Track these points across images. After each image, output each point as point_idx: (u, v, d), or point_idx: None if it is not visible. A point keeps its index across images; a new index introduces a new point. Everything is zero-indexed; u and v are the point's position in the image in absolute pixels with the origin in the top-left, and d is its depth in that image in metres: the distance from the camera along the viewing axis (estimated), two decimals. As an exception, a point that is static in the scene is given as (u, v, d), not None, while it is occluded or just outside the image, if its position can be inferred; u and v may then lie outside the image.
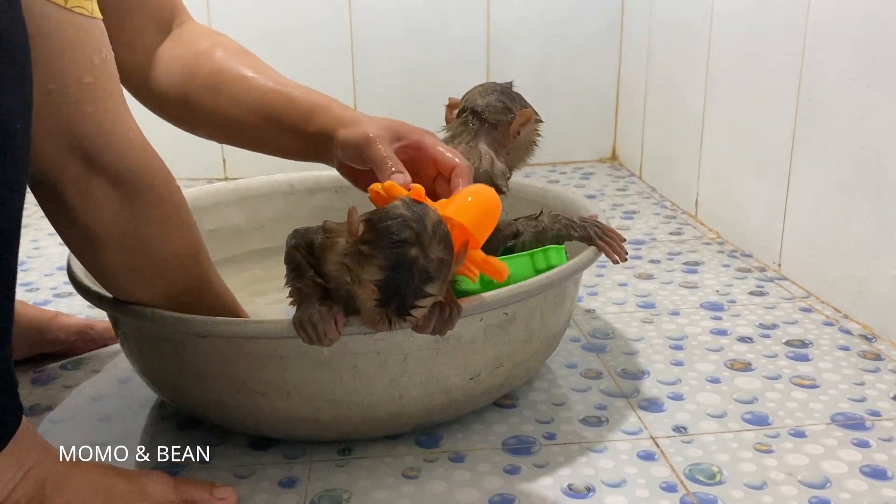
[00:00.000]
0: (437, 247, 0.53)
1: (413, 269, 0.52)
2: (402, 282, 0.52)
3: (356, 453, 0.69)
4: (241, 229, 1.00)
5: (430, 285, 0.53)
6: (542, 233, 0.75)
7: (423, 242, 0.53)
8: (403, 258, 0.52)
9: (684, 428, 0.71)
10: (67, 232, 0.60)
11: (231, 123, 0.74)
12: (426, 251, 0.53)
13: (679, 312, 0.95)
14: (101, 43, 0.54)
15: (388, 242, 0.52)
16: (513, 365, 0.70)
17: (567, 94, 1.65)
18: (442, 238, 0.54)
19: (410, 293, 0.52)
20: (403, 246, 0.52)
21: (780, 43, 1.04)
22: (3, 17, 0.44)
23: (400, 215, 0.53)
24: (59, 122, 0.53)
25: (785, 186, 1.04)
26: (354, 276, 0.54)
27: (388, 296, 0.52)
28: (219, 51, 0.75)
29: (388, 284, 0.52)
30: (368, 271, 0.52)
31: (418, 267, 0.52)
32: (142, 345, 0.70)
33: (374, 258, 0.52)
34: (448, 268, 0.55)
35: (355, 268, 0.53)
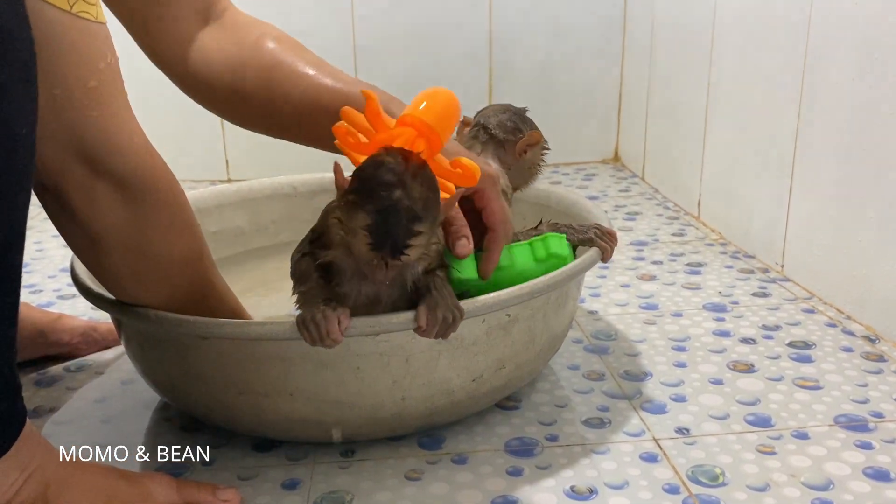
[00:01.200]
0: (420, 187, 0.55)
1: (399, 210, 0.54)
2: (390, 222, 0.54)
3: (359, 455, 0.69)
4: (244, 231, 1.00)
5: (418, 224, 0.55)
6: None
7: (406, 183, 0.55)
8: (388, 200, 0.54)
9: (687, 429, 0.71)
10: (71, 235, 0.60)
11: (284, 119, 0.70)
12: (410, 191, 0.55)
13: (682, 314, 0.95)
14: (106, 47, 0.55)
15: (372, 187, 0.55)
16: (515, 366, 0.70)
17: (569, 95, 1.65)
18: (424, 178, 0.56)
19: (400, 233, 0.55)
20: (387, 188, 0.54)
21: (783, 44, 1.04)
22: (9, 23, 0.44)
23: (381, 161, 0.56)
24: (64, 126, 0.54)
25: (788, 187, 1.04)
26: (346, 226, 0.56)
27: (379, 238, 0.54)
28: (269, 42, 0.70)
29: (377, 227, 0.54)
30: (358, 218, 0.55)
31: (404, 206, 0.54)
32: (145, 347, 0.70)
33: (362, 205, 0.55)
34: (435, 207, 0.57)
35: (346, 219, 0.56)
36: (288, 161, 1.55)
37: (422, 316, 0.60)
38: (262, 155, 1.62)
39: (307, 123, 0.69)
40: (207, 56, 0.70)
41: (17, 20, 0.45)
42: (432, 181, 0.57)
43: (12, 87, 0.45)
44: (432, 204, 0.56)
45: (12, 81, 0.45)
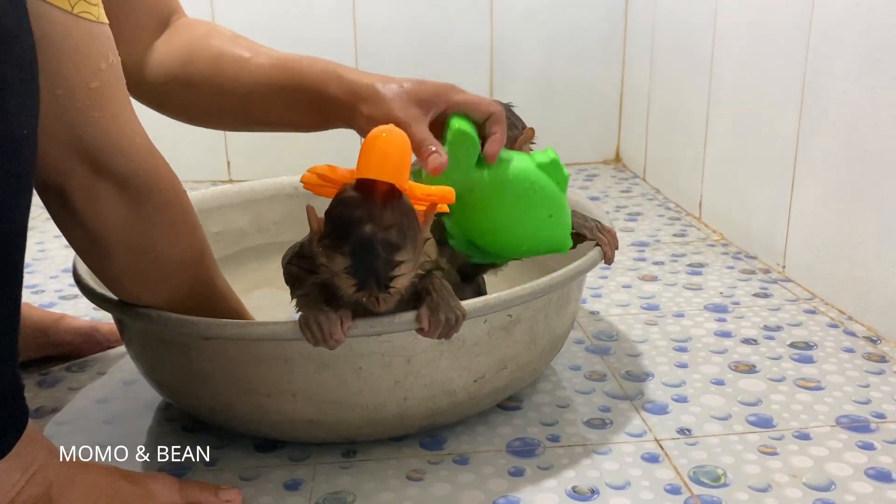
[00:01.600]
0: (391, 215, 0.54)
1: (374, 245, 0.54)
2: (368, 260, 0.54)
3: (361, 455, 0.69)
4: (246, 232, 1.00)
5: (398, 253, 0.54)
6: None
7: (375, 216, 0.54)
8: (360, 238, 0.54)
9: (688, 430, 0.71)
10: (74, 235, 0.60)
11: (236, 104, 0.74)
12: (381, 222, 0.54)
13: (683, 314, 0.95)
14: (108, 48, 0.55)
15: (343, 227, 0.54)
16: (517, 367, 0.70)
17: (571, 96, 1.65)
18: (394, 204, 0.55)
19: (381, 267, 0.54)
20: (357, 226, 0.54)
21: (784, 44, 1.04)
22: (10, 23, 0.45)
23: (347, 198, 0.55)
24: (66, 127, 0.54)
25: (789, 188, 1.04)
26: (329, 270, 0.56)
27: (361, 278, 0.54)
28: (214, 37, 0.75)
29: (357, 268, 0.54)
30: (336, 261, 0.55)
31: (379, 240, 0.54)
32: (147, 347, 0.70)
33: (337, 248, 0.54)
34: (413, 228, 0.56)
35: (327, 262, 0.56)
36: (289, 162, 1.55)
37: (423, 318, 0.60)
38: (262, 156, 1.62)
39: (257, 104, 0.73)
40: (160, 55, 0.74)
41: (18, 21, 0.45)
42: (403, 204, 0.55)
43: (14, 88, 0.45)
44: (408, 227, 0.55)
45: (14, 82, 0.45)
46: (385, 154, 0.55)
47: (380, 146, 0.55)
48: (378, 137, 0.56)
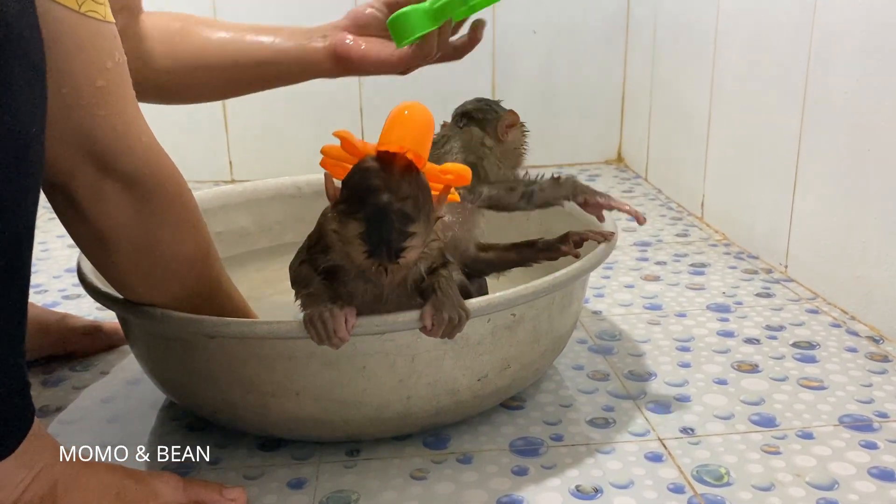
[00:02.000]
0: (408, 187, 0.55)
1: (389, 213, 0.54)
2: (382, 228, 0.54)
3: (364, 454, 0.69)
4: (249, 232, 1.00)
5: (410, 224, 0.55)
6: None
7: (393, 186, 0.55)
8: (377, 205, 0.54)
9: (692, 429, 0.71)
10: (79, 234, 0.60)
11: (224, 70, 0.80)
12: (398, 193, 0.55)
13: (686, 314, 0.96)
14: (114, 46, 0.55)
15: (360, 195, 0.55)
16: (520, 366, 0.70)
17: (573, 96, 1.65)
18: (411, 178, 0.56)
19: (394, 236, 0.55)
20: (374, 194, 0.54)
21: (787, 45, 1.04)
22: (19, 22, 0.45)
23: (366, 167, 0.56)
24: (73, 125, 0.54)
25: (791, 188, 1.04)
26: (342, 236, 0.56)
27: (373, 245, 0.55)
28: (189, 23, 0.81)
29: (370, 234, 0.55)
30: (350, 228, 0.55)
31: (394, 209, 0.54)
32: (151, 346, 0.70)
33: (353, 214, 0.55)
34: (427, 205, 0.57)
35: (340, 229, 0.56)
36: (291, 161, 1.55)
37: (427, 316, 0.60)
38: (265, 156, 1.63)
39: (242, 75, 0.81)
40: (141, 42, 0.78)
41: (26, 20, 0.45)
42: (420, 179, 0.57)
43: (23, 87, 0.46)
44: (423, 202, 0.56)
45: (23, 81, 0.45)
46: (407, 127, 0.56)
47: (402, 120, 0.57)
48: (401, 112, 0.57)
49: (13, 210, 0.47)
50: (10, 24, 0.44)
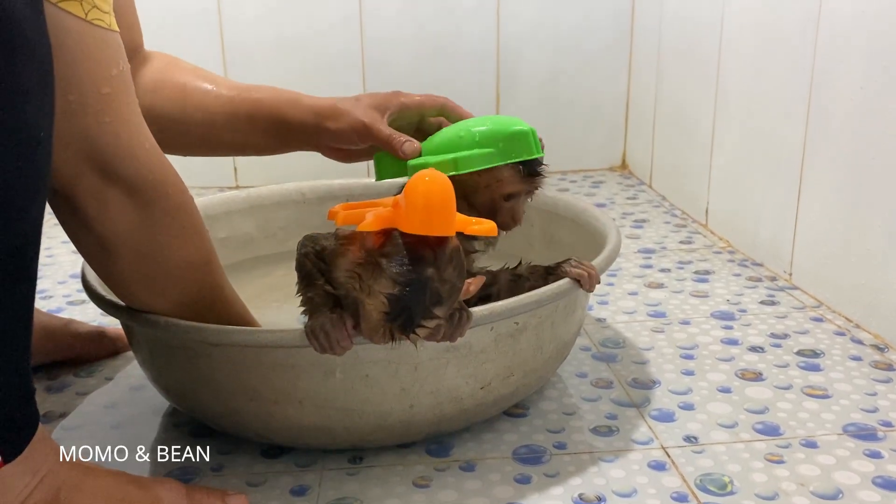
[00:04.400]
0: (452, 272, 0.54)
1: (426, 289, 0.53)
2: (413, 299, 0.52)
3: (367, 462, 0.69)
4: (253, 238, 1.01)
5: (438, 308, 0.54)
6: (518, 282, 0.73)
7: (440, 265, 0.53)
8: (420, 276, 0.52)
9: (695, 438, 0.71)
10: (82, 241, 0.60)
11: (202, 131, 0.81)
12: (442, 274, 0.53)
13: (690, 322, 0.95)
14: (119, 55, 0.55)
15: (407, 258, 0.52)
16: (524, 374, 0.70)
17: (577, 103, 1.65)
18: (457, 265, 0.54)
19: (419, 312, 0.53)
20: (421, 264, 0.52)
21: (791, 51, 1.04)
22: (30, 31, 0.45)
23: (421, 237, 0.53)
24: (78, 132, 0.54)
25: (796, 195, 1.04)
26: (365, 285, 0.54)
27: (396, 310, 0.53)
28: (176, 70, 0.82)
29: (398, 299, 0.52)
30: (381, 283, 0.53)
31: (431, 288, 0.53)
32: (155, 353, 0.71)
33: (390, 271, 0.52)
34: (457, 294, 0.55)
35: (367, 278, 0.54)
36: (296, 168, 1.55)
37: None
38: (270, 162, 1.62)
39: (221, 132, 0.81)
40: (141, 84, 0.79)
41: (37, 28, 0.46)
42: (462, 269, 0.55)
43: (32, 92, 0.46)
44: (456, 291, 0.55)
45: (32, 84, 0.46)
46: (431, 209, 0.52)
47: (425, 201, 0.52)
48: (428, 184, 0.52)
49: (21, 213, 0.47)
50: (21, 28, 0.44)
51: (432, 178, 0.52)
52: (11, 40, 0.44)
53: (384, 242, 0.54)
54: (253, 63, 1.57)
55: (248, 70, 1.56)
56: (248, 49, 1.56)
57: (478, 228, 0.56)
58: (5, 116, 0.44)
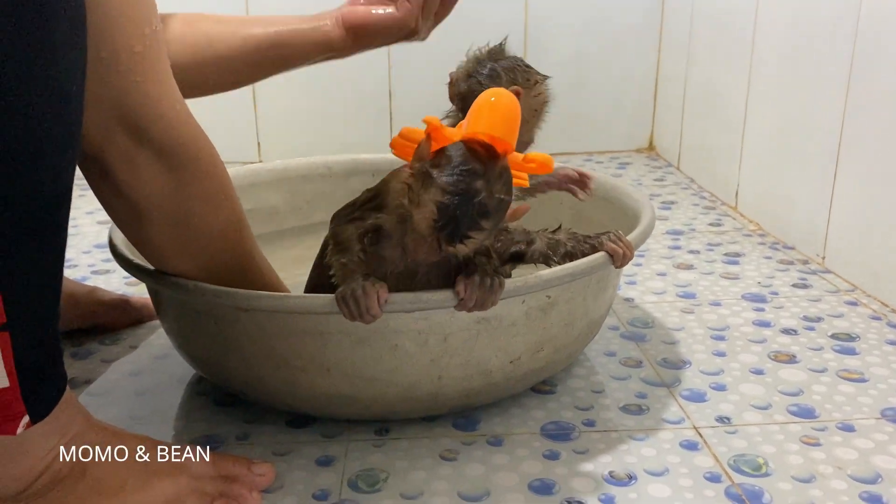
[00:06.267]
0: (501, 187, 0.55)
1: (474, 200, 0.53)
2: (461, 208, 0.53)
3: (393, 434, 0.68)
4: (279, 210, 1.00)
5: (486, 220, 0.54)
6: (555, 246, 0.70)
7: (490, 179, 0.54)
8: (469, 186, 0.53)
9: (728, 418, 0.70)
10: (113, 204, 0.60)
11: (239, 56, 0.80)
12: (490, 187, 0.54)
13: (720, 303, 0.94)
14: (152, 13, 0.54)
15: (458, 169, 0.53)
16: (553, 350, 0.69)
17: (604, 83, 1.62)
18: (506, 182, 0.55)
19: (466, 221, 0.54)
20: (471, 175, 0.53)
21: (831, 30, 1.01)
22: None
23: (474, 148, 0.55)
24: (109, 90, 0.53)
25: (831, 178, 1.01)
26: (415, 196, 0.55)
27: (444, 219, 0.53)
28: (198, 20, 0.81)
29: (447, 207, 0.53)
30: (431, 192, 0.53)
31: (480, 199, 0.53)
32: (182, 319, 0.70)
33: (440, 181, 0.53)
34: (504, 211, 0.56)
35: (418, 188, 0.54)
36: (320, 143, 1.54)
37: (460, 282, 0.59)
38: (293, 137, 1.62)
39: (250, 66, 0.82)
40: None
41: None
42: (510, 186, 0.56)
43: (64, 43, 0.45)
44: (503, 207, 0.55)
45: (64, 37, 0.45)
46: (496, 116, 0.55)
47: (491, 107, 0.56)
48: (488, 99, 0.56)
49: (52, 170, 0.47)
50: None
51: (502, 91, 0.57)
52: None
53: (436, 155, 0.55)
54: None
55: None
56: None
57: (533, 166, 0.57)
58: (36, 70, 0.43)
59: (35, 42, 0.43)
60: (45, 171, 0.46)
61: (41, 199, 0.47)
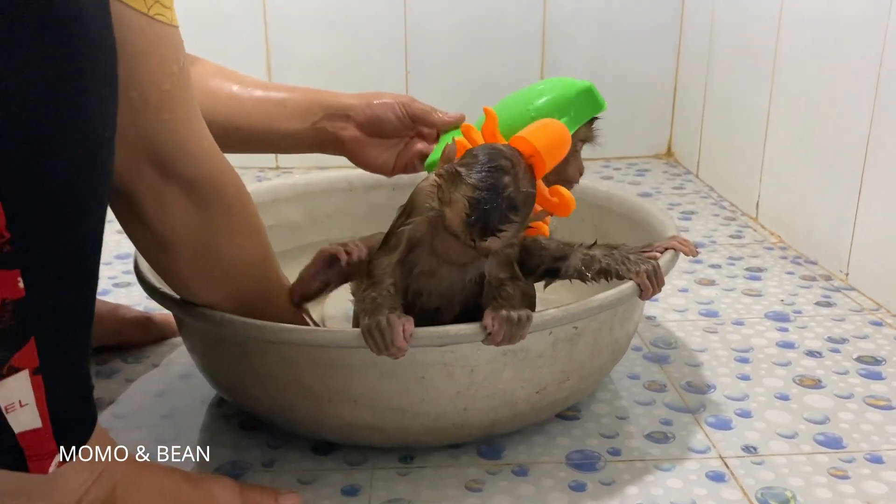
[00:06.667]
0: (526, 182, 0.57)
1: (503, 194, 0.55)
2: (491, 202, 0.55)
3: (418, 462, 0.68)
4: (300, 225, 1.00)
5: (514, 214, 0.56)
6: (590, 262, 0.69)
7: (517, 174, 0.57)
8: (497, 181, 0.56)
9: (754, 448, 0.69)
10: (140, 237, 0.60)
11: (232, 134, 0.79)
12: (517, 182, 0.56)
13: (743, 322, 0.93)
14: (179, 51, 0.54)
15: (486, 166, 0.56)
16: (579, 378, 0.68)
17: (622, 87, 1.61)
18: (530, 178, 0.58)
19: (497, 216, 0.56)
20: (499, 171, 0.56)
21: (858, 38, 0.99)
22: (96, 27, 0.44)
23: (499, 148, 0.58)
24: (138, 129, 0.53)
25: (856, 192, 1.00)
26: (445, 194, 0.57)
27: (477, 212, 0.55)
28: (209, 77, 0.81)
29: (478, 202, 0.55)
30: (461, 188, 0.56)
31: (508, 193, 0.56)
32: (207, 346, 0.70)
33: (470, 178, 0.56)
34: (531, 205, 0.58)
35: (448, 187, 0.57)
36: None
37: (488, 316, 0.59)
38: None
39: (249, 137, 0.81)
40: None
41: (103, 26, 0.45)
42: (534, 184, 0.59)
43: (97, 92, 0.45)
44: (529, 202, 0.58)
45: (98, 86, 0.45)
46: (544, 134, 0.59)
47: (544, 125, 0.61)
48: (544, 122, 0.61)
49: (84, 215, 0.47)
50: (88, 27, 0.43)
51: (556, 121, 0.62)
52: (78, 39, 0.42)
53: (463, 155, 0.58)
54: (297, 45, 1.55)
55: (291, 51, 1.55)
56: (293, 32, 1.55)
57: (556, 201, 0.60)
58: (71, 118, 0.43)
59: (71, 93, 0.43)
60: (79, 218, 0.46)
61: (75, 245, 0.47)
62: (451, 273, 0.63)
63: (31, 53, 0.40)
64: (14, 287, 0.44)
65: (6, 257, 0.43)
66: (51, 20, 0.40)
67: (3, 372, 0.46)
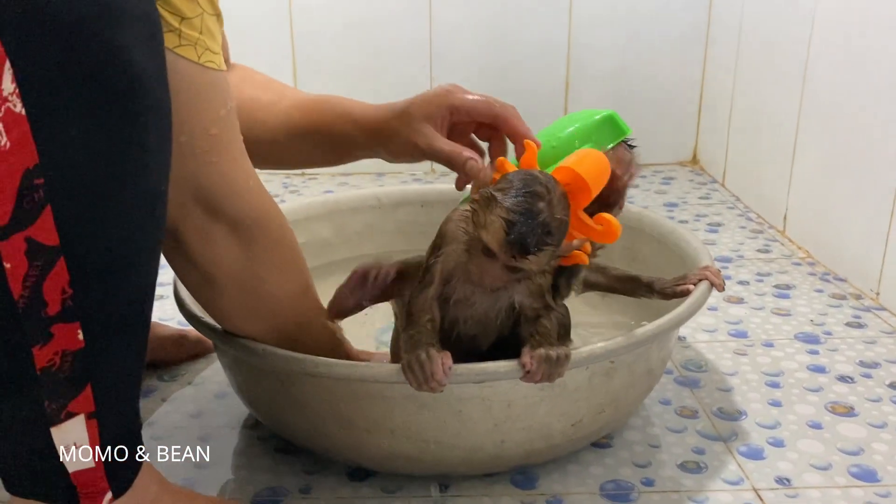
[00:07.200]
0: (560, 209, 0.58)
1: (538, 219, 0.56)
2: (527, 226, 0.56)
3: (453, 490, 0.69)
4: (330, 242, 1.01)
5: (549, 238, 0.57)
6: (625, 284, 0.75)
7: (552, 201, 0.57)
8: (533, 206, 0.56)
9: (788, 480, 0.70)
10: (186, 274, 0.61)
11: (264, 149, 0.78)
12: (552, 208, 0.57)
13: (773, 344, 0.93)
14: (227, 95, 0.55)
15: (522, 191, 0.56)
16: (615, 409, 0.69)
17: (648, 93, 1.60)
18: (565, 207, 0.58)
19: (533, 238, 0.56)
20: (534, 197, 0.56)
21: (889, 55, 0.98)
22: (154, 85, 0.45)
23: (536, 175, 0.58)
24: (186, 171, 0.54)
25: (889, 207, 1.00)
26: (480, 218, 0.57)
27: (514, 232, 0.56)
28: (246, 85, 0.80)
29: (514, 224, 0.56)
30: (497, 211, 0.56)
31: (543, 219, 0.56)
32: (246, 375, 0.71)
33: (505, 202, 0.56)
34: (563, 234, 0.59)
35: (483, 212, 0.57)
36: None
37: (526, 354, 0.60)
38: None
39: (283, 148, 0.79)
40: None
41: (159, 83, 0.45)
42: (568, 214, 0.59)
43: (156, 149, 0.46)
44: (563, 230, 0.58)
45: (156, 143, 0.46)
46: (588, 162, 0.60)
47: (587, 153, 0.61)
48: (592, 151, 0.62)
49: (140, 267, 0.48)
50: (145, 86, 0.44)
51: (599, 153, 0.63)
52: (137, 99, 0.43)
53: (499, 181, 0.58)
54: (321, 49, 1.56)
55: (316, 55, 1.55)
56: (317, 35, 1.55)
57: (601, 228, 0.60)
58: (130, 176, 0.44)
59: (132, 154, 0.44)
60: (135, 269, 0.47)
61: (131, 294, 0.48)
62: (486, 300, 0.63)
63: (97, 120, 0.41)
64: (74, 339, 0.45)
65: (68, 312, 0.44)
66: (115, 87, 0.41)
67: (62, 417, 0.48)
